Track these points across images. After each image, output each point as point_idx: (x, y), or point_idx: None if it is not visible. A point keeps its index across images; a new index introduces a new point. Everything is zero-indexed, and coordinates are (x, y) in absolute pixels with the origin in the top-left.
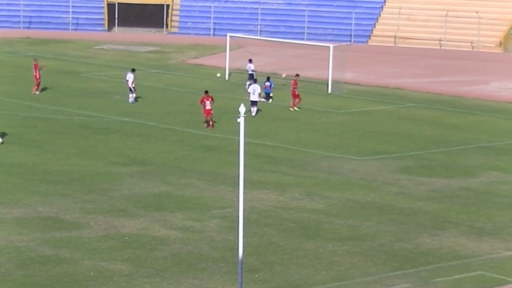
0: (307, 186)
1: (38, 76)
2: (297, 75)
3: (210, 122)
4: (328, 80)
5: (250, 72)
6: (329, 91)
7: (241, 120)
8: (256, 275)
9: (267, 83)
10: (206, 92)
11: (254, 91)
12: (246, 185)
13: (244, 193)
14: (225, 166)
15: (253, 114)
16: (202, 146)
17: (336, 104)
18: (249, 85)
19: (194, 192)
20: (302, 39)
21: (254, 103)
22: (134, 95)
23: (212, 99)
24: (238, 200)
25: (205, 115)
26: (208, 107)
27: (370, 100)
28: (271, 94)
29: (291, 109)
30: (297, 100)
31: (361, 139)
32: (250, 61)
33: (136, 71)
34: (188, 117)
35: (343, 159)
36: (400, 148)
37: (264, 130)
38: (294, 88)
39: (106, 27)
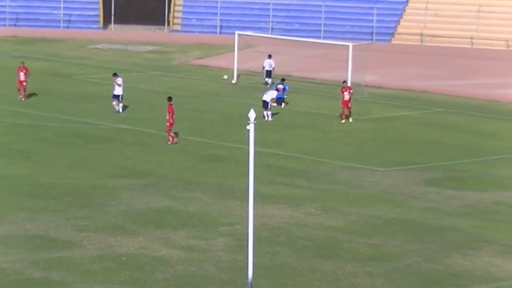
0: (324, 201)
1: (23, 81)
2: (345, 81)
3: (170, 137)
4: (347, 82)
5: (268, 69)
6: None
7: (250, 127)
8: None
9: (280, 86)
10: (170, 98)
11: (267, 93)
12: (257, 199)
13: (254, 208)
14: (233, 178)
15: (267, 118)
16: (207, 156)
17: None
18: (275, 84)
19: (199, 207)
20: (319, 37)
21: (265, 104)
22: (121, 104)
23: (171, 112)
24: (248, 216)
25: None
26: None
27: (394, 105)
28: (285, 96)
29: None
30: (346, 109)
31: (384, 148)
32: (270, 56)
33: (135, 73)
34: (192, 123)
35: (364, 170)
36: (428, 158)
37: (276, 138)
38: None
39: (101, 24)
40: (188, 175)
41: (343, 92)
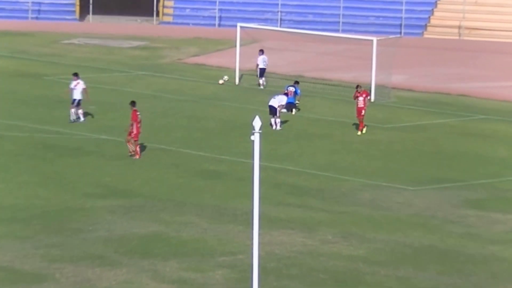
0: (343, 225)
1: None
2: (358, 86)
3: (134, 149)
4: (370, 84)
5: (263, 67)
6: (372, 98)
7: (255, 137)
8: None
9: (291, 89)
10: (133, 103)
11: (275, 97)
12: (263, 223)
13: (259, 234)
14: (235, 198)
15: (275, 127)
16: (204, 172)
17: (381, 117)
18: (285, 86)
19: (194, 233)
20: (337, 31)
21: (273, 110)
22: (80, 110)
23: (137, 121)
24: (252, 244)
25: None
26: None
27: (426, 111)
28: (297, 102)
29: (359, 133)
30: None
31: (415, 163)
32: (262, 52)
33: (118, 73)
34: (186, 133)
35: (391, 189)
36: (467, 175)
37: (286, 150)
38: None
39: (77, 15)
40: (181, 195)
41: (357, 97)
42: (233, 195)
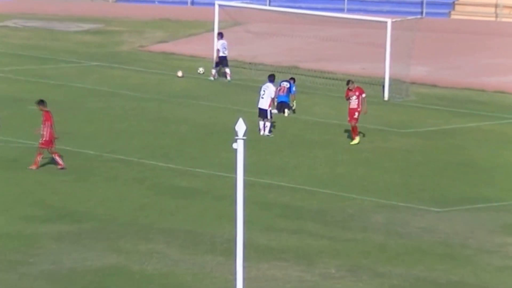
0: (349, 256)
1: None
2: (350, 82)
3: (37, 159)
4: (384, 78)
5: (222, 55)
6: (386, 96)
7: (239, 145)
8: None
9: (285, 84)
10: (42, 102)
11: (264, 93)
12: (249, 254)
13: (244, 267)
14: (213, 222)
15: (263, 132)
16: (175, 189)
17: (397, 119)
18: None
19: (162, 266)
20: (341, 10)
21: (263, 112)
22: None
23: (49, 120)
24: (235, 280)
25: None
26: (45, 132)
27: (454, 112)
28: (292, 104)
29: (352, 143)
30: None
31: (440, 178)
32: (221, 35)
33: (65, 64)
34: (151, 140)
35: (409, 210)
36: (506, 193)
37: (278, 161)
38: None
39: None
40: (146, 218)
41: (348, 96)
42: (211, 218)
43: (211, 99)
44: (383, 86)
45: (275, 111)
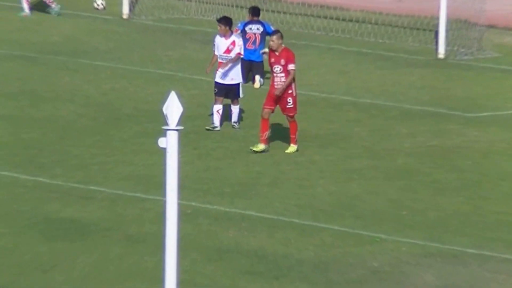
0: None
1: None
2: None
3: None
4: (437, 19)
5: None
6: (441, 52)
7: (169, 142)
8: None
9: (253, 28)
10: None
11: (217, 47)
12: None
13: None
14: (123, 284)
15: (215, 123)
16: (49, 223)
17: (463, 94)
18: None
19: None
20: None
21: (224, 89)
22: None
23: None
24: None
25: None
26: None
27: None
28: (263, 55)
29: (254, 149)
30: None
31: None
32: None
33: None
34: (6, 134)
35: (486, 261)
36: None
37: (244, 174)
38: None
39: None
40: None
41: (272, 63)
42: (118, 276)
43: (117, 57)
44: (436, 34)
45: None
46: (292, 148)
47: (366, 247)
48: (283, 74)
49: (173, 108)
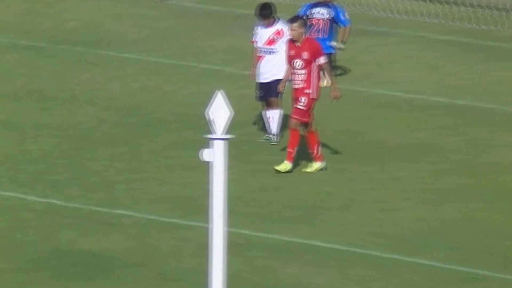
0: None
1: None
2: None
3: None
4: None
5: None
6: None
7: (215, 154)
8: None
9: (319, 12)
10: None
11: (272, 43)
12: None
13: None
14: None
15: (272, 131)
16: (72, 256)
17: None
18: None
19: None
20: None
21: (267, 89)
22: None
23: None
24: None
25: None
26: None
27: None
28: (338, 47)
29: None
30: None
31: None
32: None
33: None
34: (10, 146)
35: None
36: None
37: (303, 196)
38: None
39: None
40: None
41: (291, 57)
42: None
43: (149, 48)
44: None
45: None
46: (315, 165)
47: (464, 287)
48: (304, 71)
49: (219, 111)
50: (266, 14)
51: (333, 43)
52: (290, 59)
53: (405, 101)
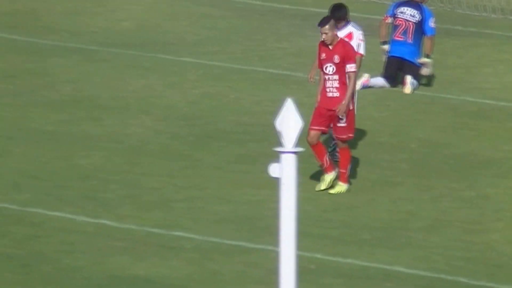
0: None
1: None
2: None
3: None
4: None
5: None
6: None
7: (284, 169)
8: None
9: (405, 12)
10: None
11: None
12: None
13: None
14: None
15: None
16: (114, 283)
17: None
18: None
19: None
20: None
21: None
22: None
23: None
24: None
25: None
26: None
27: None
28: (424, 62)
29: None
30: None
31: None
32: None
33: None
34: (53, 159)
35: None
36: None
37: (383, 216)
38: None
39: None
40: None
41: (321, 63)
42: None
43: (211, 51)
44: None
45: (379, 80)
46: (340, 187)
47: None
48: (336, 77)
49: (289, 122)
50: (341, 17)
51: (422, 60)
52: (321, 64)
53: (497, 110)
